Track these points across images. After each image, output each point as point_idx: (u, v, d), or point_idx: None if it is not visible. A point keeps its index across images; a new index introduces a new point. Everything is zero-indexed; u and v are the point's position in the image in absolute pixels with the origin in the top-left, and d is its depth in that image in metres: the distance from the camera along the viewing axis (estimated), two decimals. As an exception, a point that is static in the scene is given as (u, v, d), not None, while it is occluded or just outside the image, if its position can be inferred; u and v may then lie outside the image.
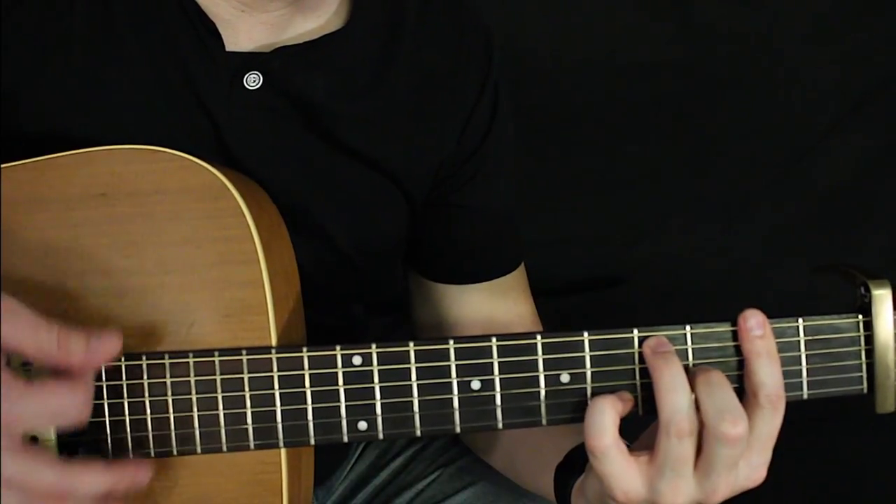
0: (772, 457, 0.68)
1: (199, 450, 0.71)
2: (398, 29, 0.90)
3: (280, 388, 0.70)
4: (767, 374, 0.67)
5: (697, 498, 0.67)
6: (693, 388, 0.66)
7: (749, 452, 0.67)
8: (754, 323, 0.68)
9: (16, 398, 0.62)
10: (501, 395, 0.70)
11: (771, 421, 0.67)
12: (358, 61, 0.88)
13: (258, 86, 0.84)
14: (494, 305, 0.99)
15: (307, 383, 0.70)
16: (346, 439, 0.70)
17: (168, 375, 0.70)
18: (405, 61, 0.90)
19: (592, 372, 0.69)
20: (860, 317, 0.69)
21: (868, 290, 0.68)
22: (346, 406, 0.70)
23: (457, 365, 0.69)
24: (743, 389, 0.69)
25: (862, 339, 0.69)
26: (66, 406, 0.64)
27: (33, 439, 0.67)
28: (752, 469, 0.67)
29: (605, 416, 0.66)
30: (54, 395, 0.64)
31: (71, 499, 0.64)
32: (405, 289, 1.04)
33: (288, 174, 0.86)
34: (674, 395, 0.66)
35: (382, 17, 0.90)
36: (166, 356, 0.70)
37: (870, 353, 0.69)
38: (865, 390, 0.70)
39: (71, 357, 0.64)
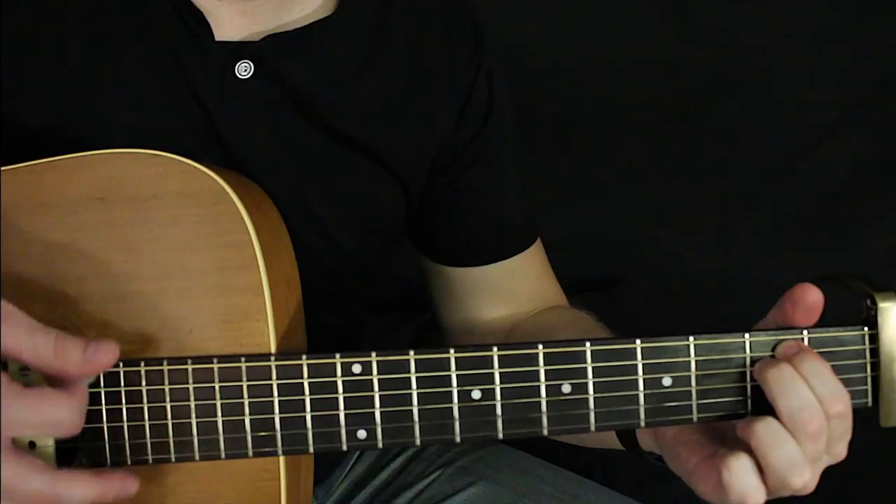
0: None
1: (197, 457, 0.70)
2: (387, 15, 0.90)
3: (279, 395, 0.69)
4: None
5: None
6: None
7: None
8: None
9: (8, 404, 0.62)
10: (502, 404, 0.69)
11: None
12: (348, 48, 0.88)
13: (249, 75, 0.84)
14: (519, 283, 0.99)
15: (306, 391, 0.69)
16: (345, 448, 0.70)
17: (166, 382, 0.70)
18: (395, 47, 0.90)
19: (594, 382, 0.69)
20: (866, 329, 0.68)
21: (874, 303, 0.67)
22: (346, 415, 0.69)
23: (457, 374, 0.69)
24: (742, 402, 0.69)
25: (867, 352, 0.68)
26: (58, 416, 0.63)
27: (32, 444, 0.67)
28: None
29: None
30: (47, 403, 0.63)
31: None
32: (427, 294, 1.04)
33: (283, 162, 0.86)
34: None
35: (370, 4, 0.90)
36: (165, 362, 0.70)
37: (875, 366, 0.68)
38: (870, 403, 0.69)
39: (67, 365, 0.63)
